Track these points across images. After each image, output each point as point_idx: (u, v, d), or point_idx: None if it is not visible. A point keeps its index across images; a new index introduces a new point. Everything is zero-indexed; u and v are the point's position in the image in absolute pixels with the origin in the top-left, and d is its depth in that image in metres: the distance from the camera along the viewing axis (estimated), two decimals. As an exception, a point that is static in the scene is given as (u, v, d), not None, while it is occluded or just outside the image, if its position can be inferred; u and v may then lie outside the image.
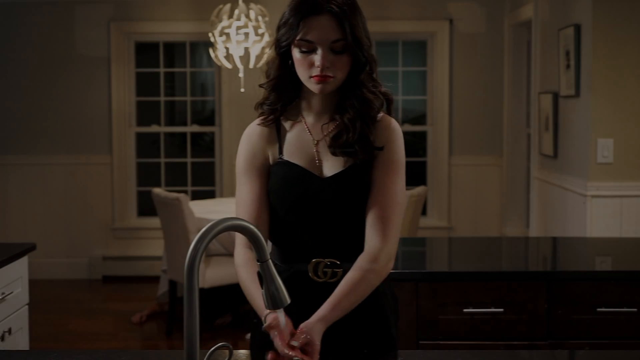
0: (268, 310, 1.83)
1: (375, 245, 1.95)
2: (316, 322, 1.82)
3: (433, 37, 7.12)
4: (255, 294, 1.90)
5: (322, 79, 1.94)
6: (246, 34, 5.71)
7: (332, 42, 1.93)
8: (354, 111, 1.99)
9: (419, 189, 5.70)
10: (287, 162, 2.02)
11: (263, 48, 5.78)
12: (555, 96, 5.29)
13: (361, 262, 1.94)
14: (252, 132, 2.07)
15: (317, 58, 1.93)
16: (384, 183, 1.98)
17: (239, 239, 2.03)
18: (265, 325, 1.78)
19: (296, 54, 1.96)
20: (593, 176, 4.61)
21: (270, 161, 2.05)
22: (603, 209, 4.59)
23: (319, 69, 1.93)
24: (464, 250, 3.65)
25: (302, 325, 1.80)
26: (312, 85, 1.97)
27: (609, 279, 2.97)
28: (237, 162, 2.08)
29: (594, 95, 4.59)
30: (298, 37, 1.94)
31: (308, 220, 2.00)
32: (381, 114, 2.05)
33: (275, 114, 2.05)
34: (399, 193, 2.00)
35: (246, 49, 5.81)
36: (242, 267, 1.98)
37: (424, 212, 7.03)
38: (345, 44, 1.93)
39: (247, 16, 5.72)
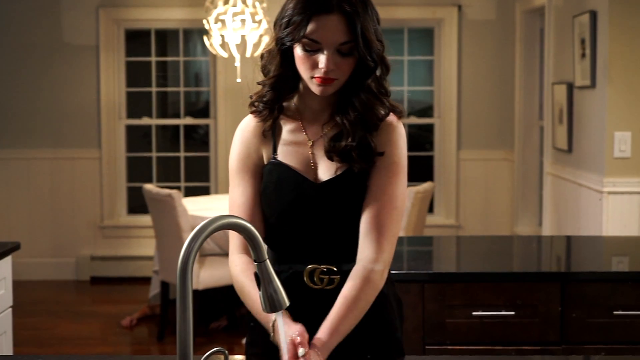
0: (274, 318, 1.83)
1: (369, 259, 1.94)
2: (315, 353, 1.81)
3: (440, 24, 7.12)
4: (257, 303, 1.91)
5: (324, 81, 1.92)
6: (243, 21, 5.70)
7: (339, 44, 1.91)
8: (355, 115, 1.97)
9: (426, 185, 5.70)
10: (281, 163, 2.01)
11: (260, 36, 5.78)
12: (570, 87, 5.29)
13: (355, 280, 1.92)
14: (247, 129, 2.06)
15: (322, 59, 1.91)
16: (381, 187, 1.97)
17: (233, 245, 2.03)
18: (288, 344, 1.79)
19: (299, 51, 1.94)
20: (609, 171, 4.61)
21: (264, 160, 2.04)
22: (620, 206, 4.59)
23: (322, 70, 1.91)
24: (473, 250, 3.65)
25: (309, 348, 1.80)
26: (313, 86, 1.95)
27: (626, 280, 2.97)
28: (230, 161, 2.07)
29: (610, 85, 4.59)
30: (303, 35, 1.91)
31: (302, 226, 2.00)
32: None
33: (274, 113, 2.03)
34: (397, 197, 1.98)
35: (243, 37, 5.81)
36: (239, 276, 1.98)
37: (430, 209, 7.04)
38: (353, 47, 1.91)
39: (244, 2, 5.72)
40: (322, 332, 1.87)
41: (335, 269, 2.00)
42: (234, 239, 2.03)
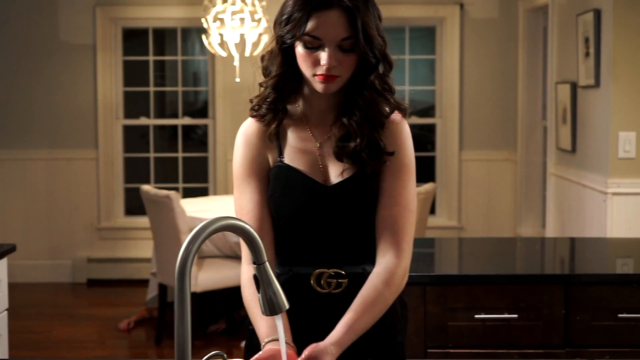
0: (268, 339, 1.83)
1: (391, 261, 1.95)
2: (329, 346, 1.81)
3: (442, 23, 7.12)
4: (258, 319, 1.92)
5: (327, 78, 1.92)
6: (242, 20, 5.70)
7: (340, 40, 1.90)
8: (361, 114, 1.97)
9: (427, 186, 5.70)
10: (288, 166, 2.00)
11: (260, 34, 5.78)
12: (574, 86, 5.28)
13: (376, 281, 1.93)
14: (249, 132, 2.04)
15: (323, 56, 1.91)
16: (394, 189, 1.97)
17: (243, 255, 2.03)
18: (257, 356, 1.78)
19: (300, 49, 1.93)
20: (614, 172, 4.60)
21: (270, 163, 2.03)
22: (624, 207, 4.59)
23: (324, 67, 1.91)
24: (475, 252, 3.65)
25: (311, 350, 1.79)
26: (316, 84, 1.95)
27: (631, 283, 2.97)
28: (234, 166, 2.06)
29: (614, 85, 4.58)
30: (304, 32, 1.91)
31: (311, 229, 1.99)
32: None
33: (278, 115, 2.02)
34: (410, 199, 1.99)
35: (242, 36, 5.81)
36: (246, 289, 1.99)
37: (432, 210, 7.03)
38: (355, 43, 1.91)
39: (243, 0, 5.72)
40: (337, 328, 1.86)
41: (343, 273, 1.99)
42: (245, 249, 2.03)
